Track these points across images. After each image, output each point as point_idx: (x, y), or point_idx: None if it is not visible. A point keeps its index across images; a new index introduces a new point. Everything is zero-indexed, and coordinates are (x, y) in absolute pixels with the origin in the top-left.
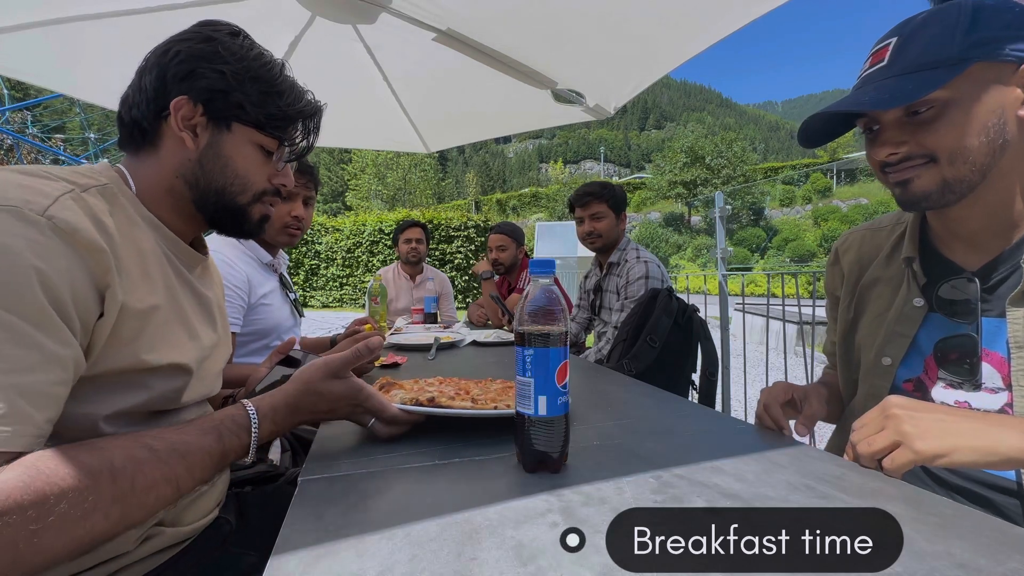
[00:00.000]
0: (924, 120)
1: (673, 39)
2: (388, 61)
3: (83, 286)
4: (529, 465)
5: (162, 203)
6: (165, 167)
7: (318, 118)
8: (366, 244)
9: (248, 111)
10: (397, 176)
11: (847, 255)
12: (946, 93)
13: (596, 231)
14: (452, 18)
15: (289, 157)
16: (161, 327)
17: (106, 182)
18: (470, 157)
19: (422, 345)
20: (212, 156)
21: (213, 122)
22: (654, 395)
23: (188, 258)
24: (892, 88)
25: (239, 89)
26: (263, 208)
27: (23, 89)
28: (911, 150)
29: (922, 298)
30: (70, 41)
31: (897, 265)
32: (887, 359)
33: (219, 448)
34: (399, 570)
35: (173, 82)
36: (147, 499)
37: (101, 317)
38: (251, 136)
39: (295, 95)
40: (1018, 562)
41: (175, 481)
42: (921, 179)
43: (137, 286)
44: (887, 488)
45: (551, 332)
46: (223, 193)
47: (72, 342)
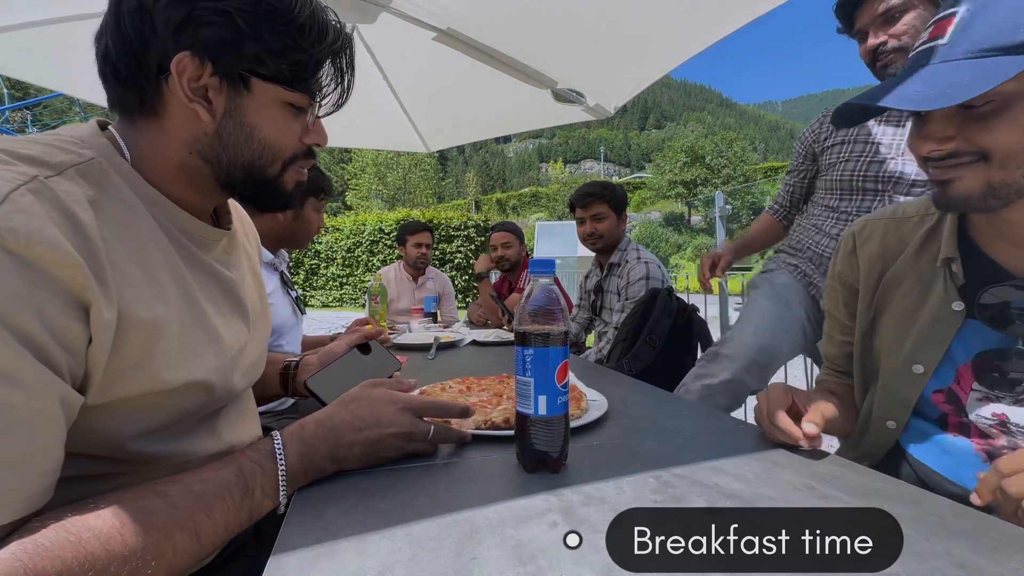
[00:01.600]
0: (979, 115)
1: (673, 39)
2: (388, 61)
3: (53, 309)
4: (529, 465)
5: (172, 179)
6: (173, 140)
7: (350, 51)
8: (366, 244)
9: (268, 63)
10: (397, 176)
11: (866, 245)
12: (1012, 86)
13: (597, 232)
14: (452, 18)
15: (328, 110)
16: (178, 338)
17: (92, 155)
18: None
19: (422, 345)
20: (233, 127)
21: (228, 82)
22: (654, 395)
23: (205, 236)
24: (944, 79)
25: (253, 35)
26: (296, 174)
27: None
28: (958, 146)
29: (961, 302)
30: (70, 40)
31: (928, 262)
32: (919, 367)
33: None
34: (399, 570)
35: (166, 31)
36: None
37: (91, 342)
38: (276, 94)
39: (320, 26)
40: (1018, 562)
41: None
42: (964, 180)
43: (139, 290)
44: (887, 488)
45: (551, 332)
46: (251, 168)
47: (50, 382)
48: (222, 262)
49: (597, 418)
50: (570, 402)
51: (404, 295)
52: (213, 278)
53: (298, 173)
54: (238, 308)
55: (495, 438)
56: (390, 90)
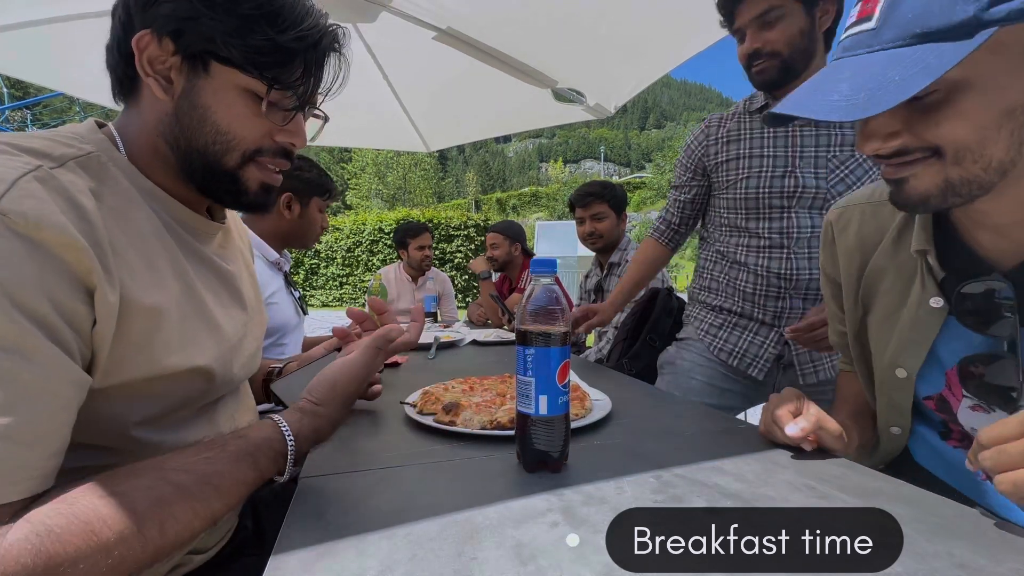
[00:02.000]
0: (925, 107)
1: (673, 38)
2: (388, 60)
3: (62, 291)
4: (529, 465)
5: (155, 167)
6: (147, 124)
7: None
8: (366, 243)
9: (223, 44)
10: (397, 175)
11: (844, 234)
12: (955, 72)
13: (597, 231)
14: (452, 17)
15: (300, 104)
16: (178, 324)
17: (91, 149)
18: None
19: (422, 344)
20: (188, 107)
21: (188, 62)
22: (654, 395)
23: (202, 228)
24: (873, 76)
25: (210, 15)
26: (261, 173)
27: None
28: (906, 143)
29: (941, 297)
30: (70, 39)
31: (907, 253)
32: (901, 371)
33: (255, 474)
34: (399, 569)
35: (137, 11)
36: (179, 539)
37: (95, 325)
38: (233, 78)
39: (294, 16)
40: (1018, 562)
41: (209, 516)
42: (919, 179)
43: (140, 277)
44: (887, 488)
45: (552, 331)
46: (205, 154)
47: (60, 358)
48: (219, 255)
49: (598, 419)
50: (574, 402)
51: (404, 295)
52: (212, 269)
53: (265, 173)
54: (237, 299)
55: (495, 438)
56: (390, 89)
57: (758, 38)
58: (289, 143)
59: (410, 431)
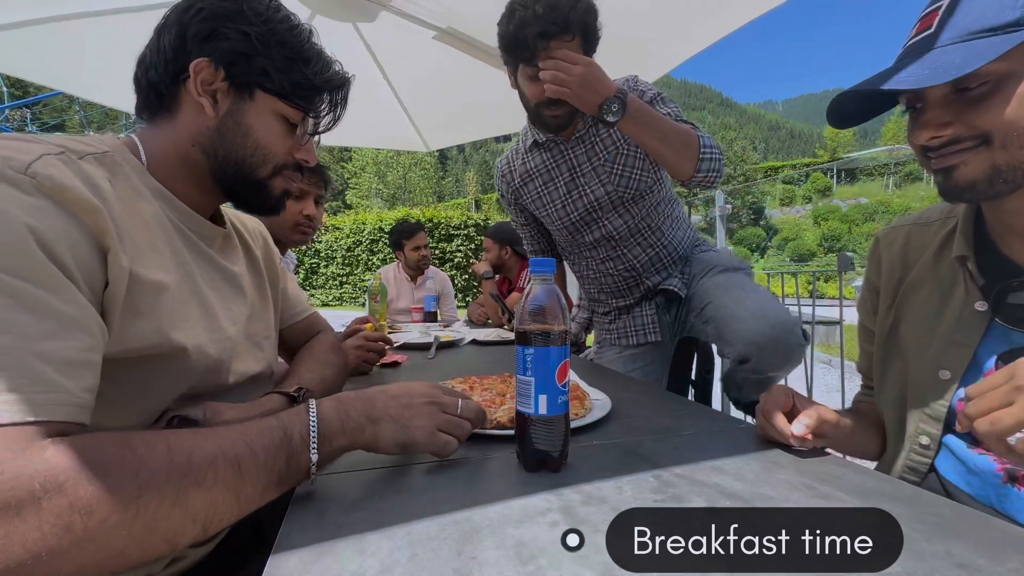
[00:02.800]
0: (975, 97)
1: (673, 38)
2: (388, 59)
3: (82, 248)
4: (529, 464)
5: (176, 173)
6: (181, 134)
7: (346, 90)
8: (366, 243)
9: (272, 78)
10: (397, 175)
11: (890, 249)
12: (1003, 65)
13: None
14: (452, 16)
15: (313, 130)
16: (180, 306)
17: (106, 150)
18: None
19: (422, 344)
20: (232, 125)
21: (235, 88)
22: (654, 395)
23: (205, 231)
24: (934, 61)
25: (264, 53)
26: (283, 183)
27: (23, 87)
28: (957, 132)
29: (984, 302)
30: (70, 38)
31: (948, 264)
32: (945, 372)
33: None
34: (399, 569)
35: (194, 42)
36: (206, 479)
37: (107, 287)
38: (274, 105)
39: (322, 64)
40: (1018, 562)
41: (236, 461)
42: (968, 165)
43: (145, 256)
44: (887, 488)
45: (552, 331)
46: (242, 165)
47: (87, 305)
48: (224, 256)
49: (598, 418)
50: (574, 401)
51: (403, 295)
52: (213, 265)
53: (286, 183)
54: (239, 295)
55: (495, 437)
56: (390, 89)
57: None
58: (304, 159)
59: None
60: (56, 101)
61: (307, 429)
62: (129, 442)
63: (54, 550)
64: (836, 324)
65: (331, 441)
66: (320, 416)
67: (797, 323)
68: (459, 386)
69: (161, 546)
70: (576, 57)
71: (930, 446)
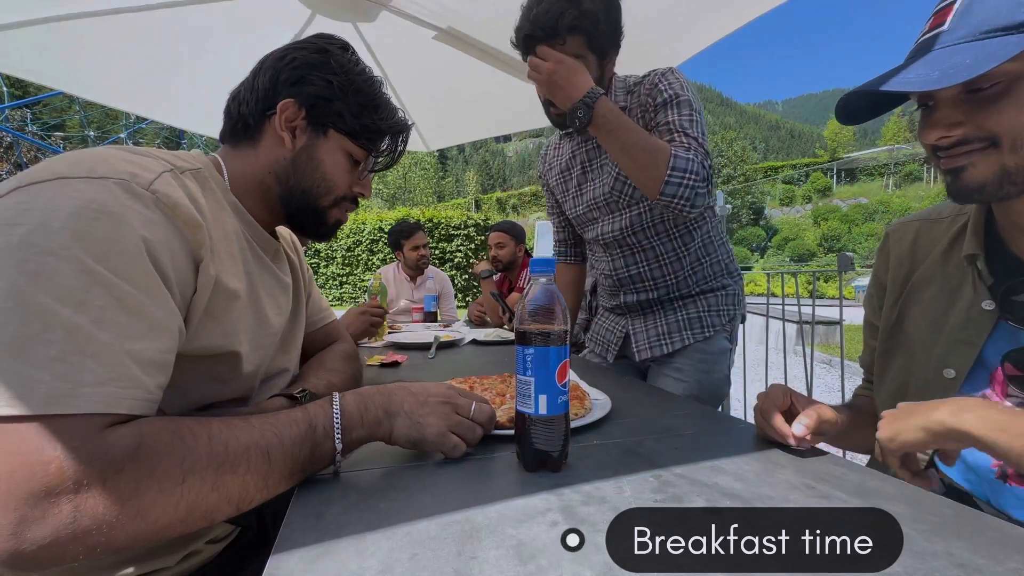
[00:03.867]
0: (986, 98)
1: (673, 38)
2: (388, 59)
3: (182, 260)
4: (529, 464)
5: (251, 194)
6: (261, 161)
7: (406, 135)
8: (366, 243)
9: (346, 120)
10: (397, 175)
11: (899, 245)
12: (1016, 66)
13: None
14: (453, 16)
15: (373, 168)
16: (243, 312)
17: (199, 167)
18: (470, 156)
19: (422, 344)
20: (306, 157)
21: (312, 126)
22: (654, 395)
23: (267, 244)
24: (946, 60)
25: (342, 99)
26: (339, 213)
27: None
28: (967, 132)
29: (992, 301)
30: (70, 38)
31: (956, 263)
32: (950, 371)
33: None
34: (399, 569)
35: (284, 85)
36: (240, 467)
37: (195, 293)
38: (343, 144)
39: (389, 111)
40: (1018, 562)
41: (266, 450)
42: (976, 167)
43: (226, 265)
44: (887, 488)
45: (551, 331)
46: (308, 194)
47: (176, 312)
48: (277, 267)
49: (598, 418)
50: (574, 401)
51: (403, 294)
52: (273, 276)
53: (341, 213)
54: (280, 307)
55: (495, 437)
56: (390, 89)
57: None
58: (360, 193)
59: None
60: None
61: (331, 421)
62: (179, 431)
63: (112, 523)
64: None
65: (351, 432)
66: (342, 409)
67: None
68: (459, 386)
69: (200, 522)
70: (547, 55)
71: None
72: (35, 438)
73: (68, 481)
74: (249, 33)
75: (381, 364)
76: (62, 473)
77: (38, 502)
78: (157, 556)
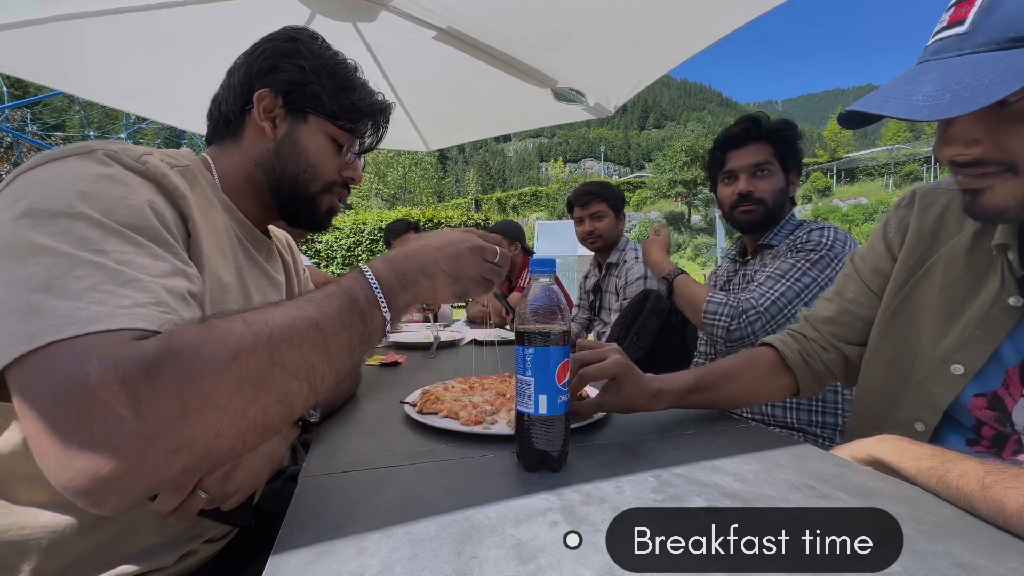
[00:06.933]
0: (1009, 115)
1: (673, 38)
2: (388, 60)
3: (178, 227)
4: (529, 464)
5: (241, 190)
6: (245, 156)
7: (387, 115)
8: (366, 243)
9: (323, 102)
10: (397, 175)
11: (925, 213)
12: None
13: (596, 231)
14: (453, 16)
15: (359, 150)
16: (232, 305)
17: (188, 164)
18: (470, 156)
19: (422, 344)
20: (288, 145)
21: (291, 113)
22: None
23: (258, 242)
24: (961, 76)
25: (316, 82)
26: (331, 200)
27: (23, 87)
28: (985, 153)
29: (1021, 297)
30: (70, 38)
31: (984, 250)
32: (958, 367)
33: (340, 291)
34: (399, 568)
35: (258, 76)
36: (293, 337)
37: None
38: (324, 127)
39: (367, 92)
40: (1018, 562)
41: (313, 322)
42: (995, 191)
43: (214, 256)
44: (887, 488)
45: (551, 331)
46: (296, 181)
47: (191, 263)
48: (269, 264)
49: (598, 418)
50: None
51: None
52: (264, 274)
53: (332, 200)
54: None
55: (495, 437)
56: (390, 89)
57: (751, 183)
58: (350, 178)
59: (410, 431)
60: (56, 101)
61: (371, 291)
62: (208, 322)
63: (179, 414)
64: None
65: (395, 299)
66: (378, 278)
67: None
68: (459, 386)
69: (278, 408)
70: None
71: (925, 432)
72: (80, 353)
73: (112, 385)
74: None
75: (381, 364)
76: (104, 380)
77: (92, 416)
78: (154, 555)
